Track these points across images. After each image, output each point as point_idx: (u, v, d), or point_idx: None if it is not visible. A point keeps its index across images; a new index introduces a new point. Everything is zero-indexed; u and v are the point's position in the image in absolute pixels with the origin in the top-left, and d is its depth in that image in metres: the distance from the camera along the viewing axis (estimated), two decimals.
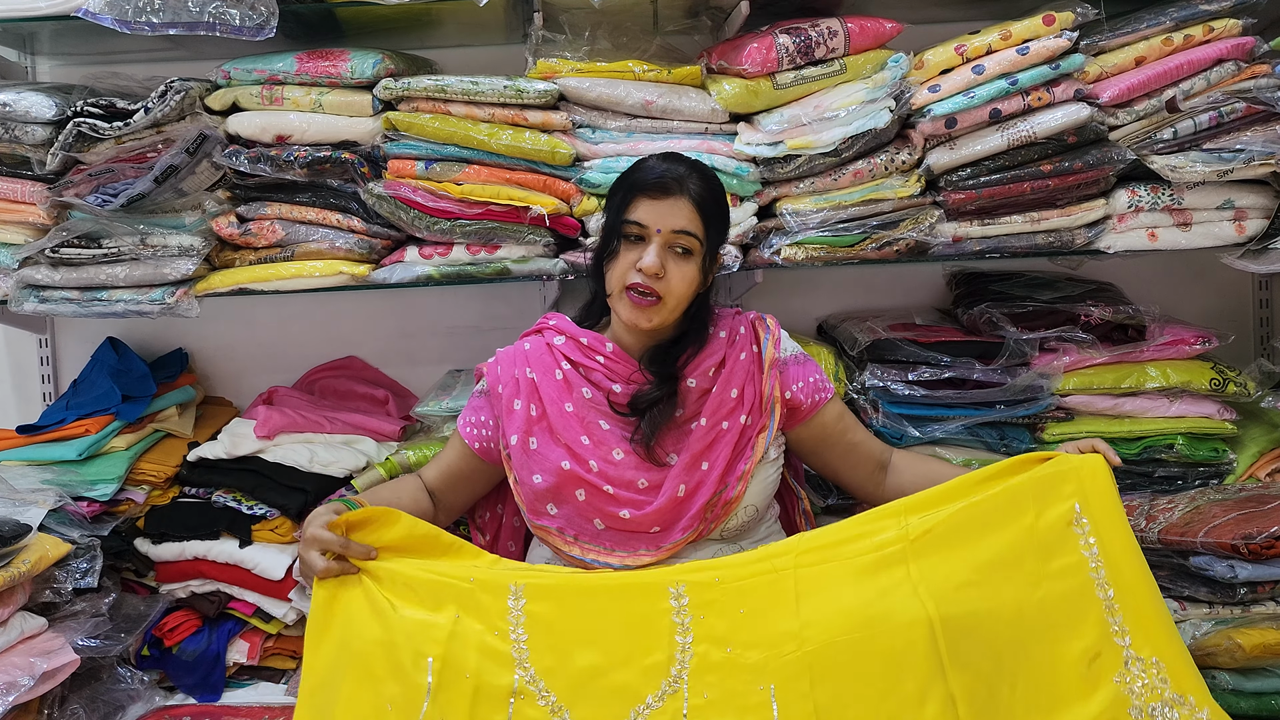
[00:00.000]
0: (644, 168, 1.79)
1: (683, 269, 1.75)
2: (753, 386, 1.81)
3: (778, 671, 1.47)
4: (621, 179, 1.82)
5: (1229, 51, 2.08)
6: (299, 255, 2.19)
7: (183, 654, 2.16)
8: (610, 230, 1.79)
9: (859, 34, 2.10)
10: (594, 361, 1.83)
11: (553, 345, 1.86)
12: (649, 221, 1.74)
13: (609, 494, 1.75)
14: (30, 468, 2.16)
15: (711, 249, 1.80)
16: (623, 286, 1.75)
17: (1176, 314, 2.37)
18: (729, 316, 1.88)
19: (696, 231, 1.75)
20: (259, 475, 2.21)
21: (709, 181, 1.79)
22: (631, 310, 1.75)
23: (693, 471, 1.75)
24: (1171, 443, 2.18)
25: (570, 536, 1.78)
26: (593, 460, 1.77)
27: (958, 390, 2.18)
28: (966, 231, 2.15)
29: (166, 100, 2.09)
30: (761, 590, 1.55)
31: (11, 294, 2.18)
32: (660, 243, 1.73)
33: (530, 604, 1.56)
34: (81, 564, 2.01)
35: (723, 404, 1.79)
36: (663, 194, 1.74)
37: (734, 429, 1.78)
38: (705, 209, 1.76)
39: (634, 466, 1.77)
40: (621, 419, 1.79)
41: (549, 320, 1.91)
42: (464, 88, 2.10)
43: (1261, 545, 1.78)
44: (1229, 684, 1.80)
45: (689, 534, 1.74)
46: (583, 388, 1.81)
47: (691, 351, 1.81)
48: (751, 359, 1.83)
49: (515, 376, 1.85)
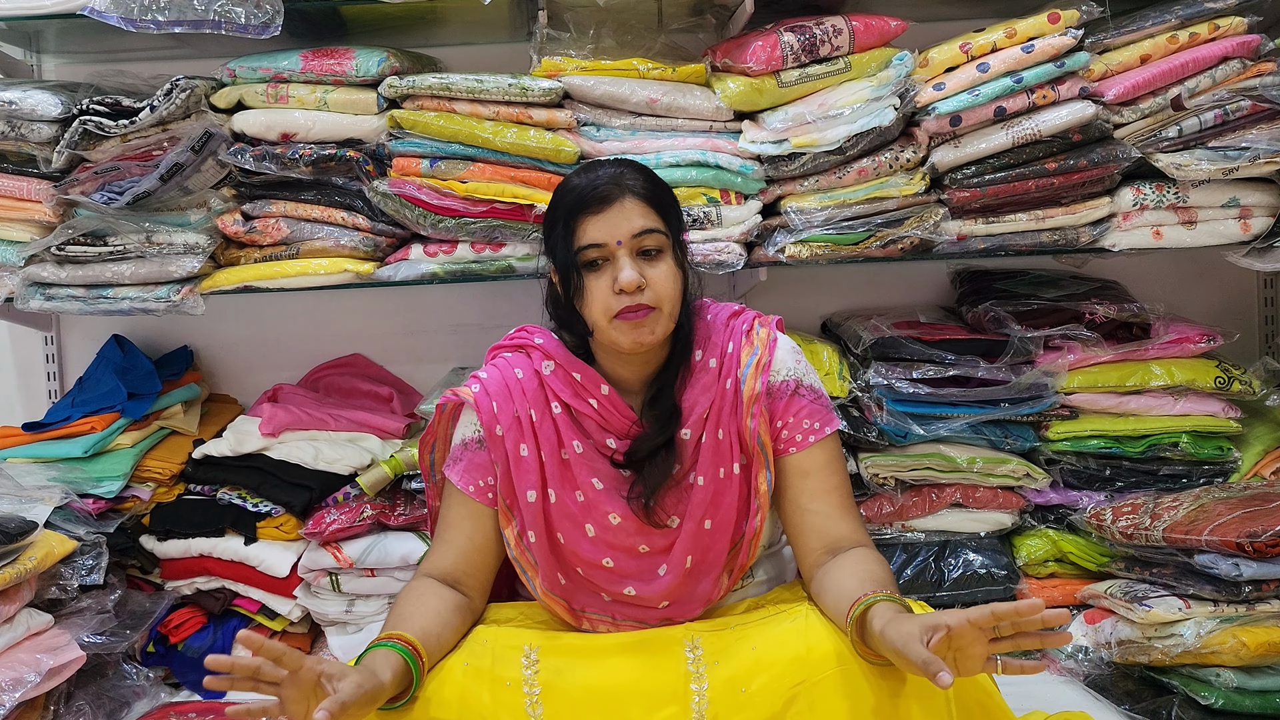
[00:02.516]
0: (572, 187, 1.59)
1: (661, 268, 1.56)
2: (735, 423, 1.61)
3: (788, 700, 1.41)
4: (553, 209, 1.61)
5: (1234, 49, 2.08)
6: (304, 253, 2.19)
7: (188, 651, 2.17)
8: (566, 268, 1.58)
9: (864, 32, 2.10)
10: (587, 405, 1.63)
11: (542, 375, 1.65)
12: (605, 238, 1.54)
13: (608, 569, 1.62)
14: (36, 465, 2.17)
15: (677, 237, 1.62)
16: (609, 317, 1.55)
17: (1181, 312, 2.37)
18: (721, 326, 1.68)
19: (657, 225, 1.56)
20: (264, 472, 2.21)
21: (644, 171, 1.62)
22: (630, 333, 1.55)
23: (699, 538, 1.60)
24: (1176, 441, 2.18)
25: (578, 609, 1.64)
26: (589, 524, 1.61)
27: (962, 388, 2.18)
28: (971, 229, 2.15)
29: (172, 98, 2.09)
30: (771, 621, 1.52)
31: (17, 291, 2.18)
32: (627, 252, 1.54)
33: (545, 661, 1.49)
34: (87, 561, 2.02)
35: (717, 453, 1.61)
36: (605, 203, 1.55)
37: (730, 478, 1.61)
38: (655, 198, 1.58)
39: (635, 531, 1.61)
40: (615, 476, 1.62)
41: (533, 337, 1.70)
42: (469, 85, 2.10)
43: (1266, 543, 1.77)
44: (1233, 682, 1.80)
45: (706, 608, 1.63)
46: (574, 440, 1.63)
47: (684, 377, 1.64)
48: (735, 388, 1.62)
49: (515, 415, 1.63)
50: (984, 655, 1.25)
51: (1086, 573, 2.15)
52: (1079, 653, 2.04)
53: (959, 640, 1.25)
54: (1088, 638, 2.04)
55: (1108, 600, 1.99)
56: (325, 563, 2.15)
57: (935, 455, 2.18)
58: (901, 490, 2.20)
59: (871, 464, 2.18)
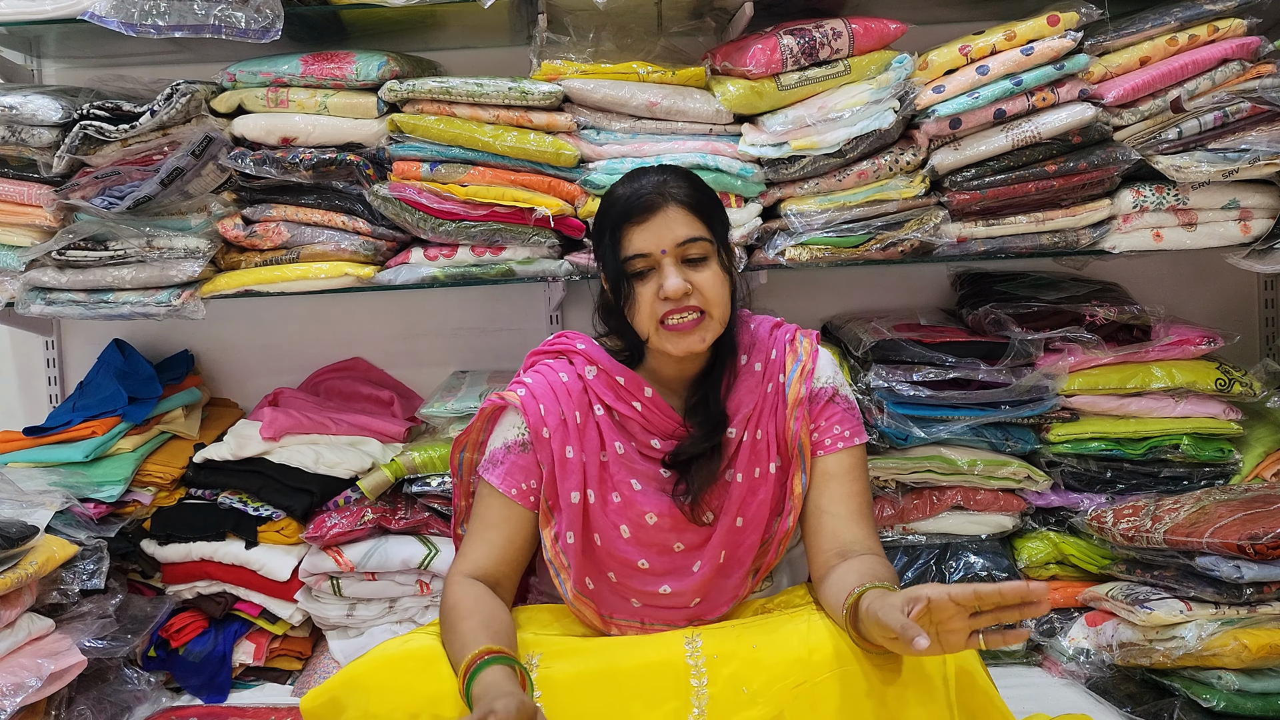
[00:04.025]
0: (617, 197, 1.63)
1: (707, 275, 1.59)
2: (775, 424, 1.66)
3: (789, 699, 1.42)
4: (600, 220, 1.65)
5: (1234, 51, 2.08)
6: (304, 257, 2.19)
7: (189, 655, 2.17)
8: (615, 277, 1.62)
9: (863, 35, 2.10)
10: (630, 409, 1.66)
11: (586, 379, 1.68)
12: (650, 247, 1.58)
13: (643, 570, 1.64)
14: (37, 469, 2.17)
15: (723, 243, 1.65)
16: (656, 323, 1.59)
17: (1182, 314, 2.36)
18: (765, 335, 1.72)
19: (701, 233, 1.60)
20: (265, 476, 2.21)
21: (688, 177, 1.65)
22: (679, 340, 1.59)
23: (731, 533, 1.64)
24: (1177, 443, 2.18)
25: (606, 614, 1.66)
26: (624, 525, 1.64)
27: (963, 391, 2.18)
28: (971, 232, 2.15)
29: (172, 103, 2.10)
30: (774, 622, 1.52)
31: (18, 296, 2.18)
32: (672, 261, 1.58)
33: (545, 665, 1.49)
34: (88, 565, 2.02)
35: (755, 452, 1.65)
36: (649, 213, 1.58)
37: (765, 478, 1.64)
38: (699, 206, 1.61)
39: (670, 529, 1.64)
40: (656, 477, 1.65)
41: (575, 343, 1.73)
42: (469, 89, 2.10)
43: (1267, 545, 1.77)
44: (1235, 684, 1.80)
45: (731, 606, 1.66)
46: (616, 441, 1.66)
47: (729, 381, 1.67)
48: (777, 391, 1.67)
49: (562, 417, 1.65)
50: (966, 631, 1.27)
51: (1088, 575, 2.15)
52: (1080, 655, 2.04)
53: (939, 614, 1.27)
54: (1089, 640, 2.04)
55: (1109, 603, 1.99)
56: (326, 567, 2.15)
57: (936, 458, 2.18)
58: (902, 493, 2.20)
59: (873, 467, 2.17)
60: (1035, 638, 2.14)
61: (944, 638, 1.27)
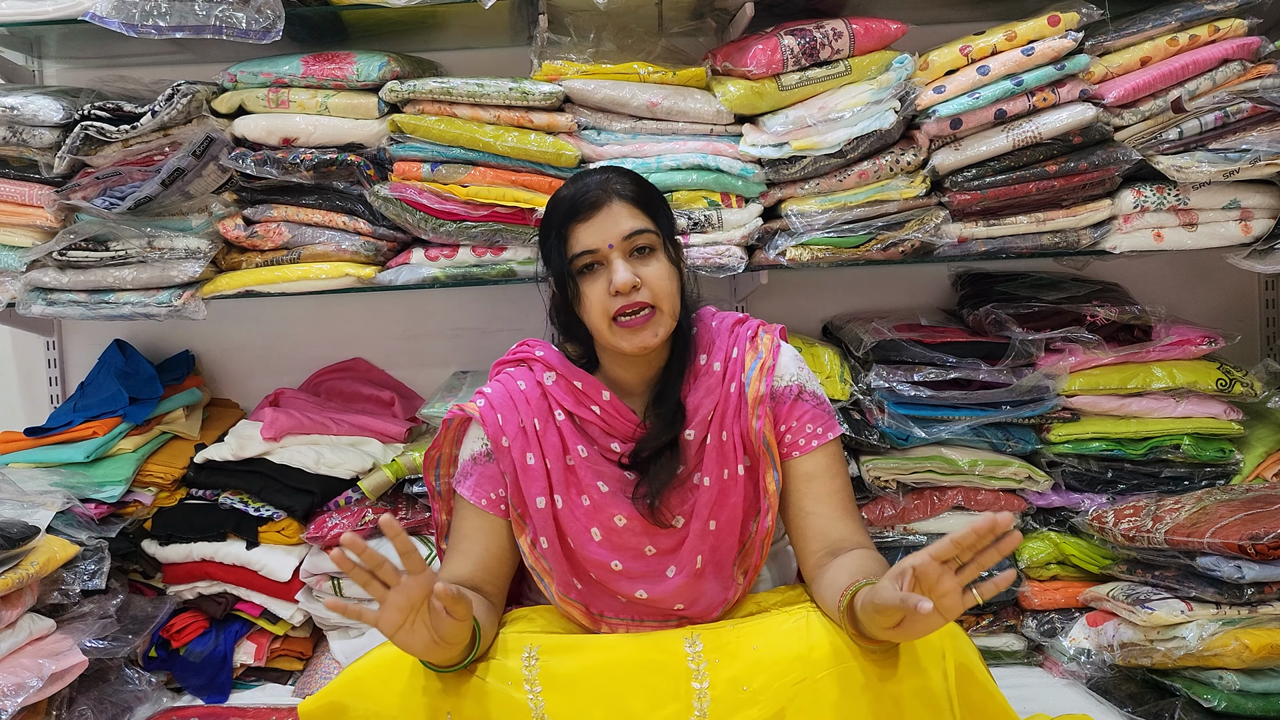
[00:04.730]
0: (562, 198, 1.64)
1: (655, 268, 1.60)
2: (740, 424, 1.64)
3: (789, 698, 1.42)
4: (546, 221, 1.66)
5: (1234, 51, 2.08)
6: (305, 257, 2.19)
7: (190, 655, 2.17)
8: (561, 276, 1.63)
9: (864, 35, 2.10)
10: (590, 412, 1.67)
11: (545, 385, 1.69)
12: (597, 243, 1.59)
13: (616, 571, 1.64)
14: (38, 470, 2.17)
15: (669, 236, 1.65)
16: (608, 320, 1.59)
17: (1182, 314, 2.36)
18: (726, 333, 1.72)
19: (647, 225, 1.60)
20: (265, 477, 2.21)
21: (631, 175, 1.66)
22: (632, 335, 1.59)
23: (705, 538, 1.63)
24: (1178, 443, 2.18)
25: (596, 613, 1.67)
26: (595, 528, 1.64)
27: (963, 391, 2.18)
28: (972, 232, 2.15)
29: (173, 103, 2.10)
30: (772, 621, 1.52)
31: (19, 296, 2.19)
32: (620, 255, 1.59)
33: (545, 660, 1.49)
34: (89, 566, 2.02)
35: (721, 454, 1.64)
36: (595, 209, 1.59)
37: (735, 479, 1.63)
38: (643, 200, 1.62)
39: (641, 531, 1.64)
40: (620, 479, 1.66)
41: (534, 350, 1.74)
42: (469, 90, 2.10)
43: (1268, 545, 1.77)
44: (1236, 684, 1.80)
45: (723, 609, 1.64)
46: (579, 445, 1.66)
47: (688, 377, 1.67)
48: (739, 391, 1.65)
49: (521, 425, 1.66)
50: (957, 590, 1.27)
51: (1088, 575, 2.15)
52: (1081, 655, 2.04)
53: (927, 579, 1.26)
54: (1090, 640, 2.04)
55: (1110, 603, 1.99)
56: (327, 567, 2.15)
57: (937, 458, 2.18)
58: (903, 493, 2.20)
59: (873, 467, 2.17)
60: (1036, 638, 2.15)
61: (939, 603, 1.26)
